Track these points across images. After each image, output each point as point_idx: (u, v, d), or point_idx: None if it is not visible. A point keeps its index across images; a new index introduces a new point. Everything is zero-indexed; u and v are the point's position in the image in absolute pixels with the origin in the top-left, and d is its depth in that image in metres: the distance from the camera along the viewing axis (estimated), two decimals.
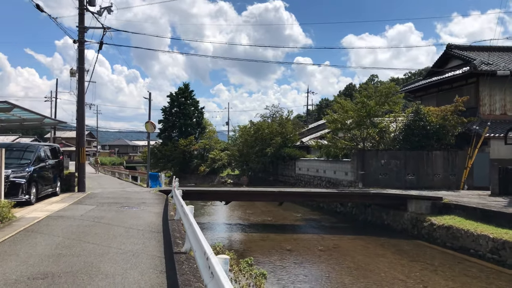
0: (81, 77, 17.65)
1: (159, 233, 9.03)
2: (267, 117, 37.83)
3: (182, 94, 61.38)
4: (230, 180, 48.27)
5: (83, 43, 17.64)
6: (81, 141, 17.81)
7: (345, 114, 21.34)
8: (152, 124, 23.91)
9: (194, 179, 54.81)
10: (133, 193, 17.65)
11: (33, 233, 8.48)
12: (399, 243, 15.58)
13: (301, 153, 30.88)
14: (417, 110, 21.42)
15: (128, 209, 12.63)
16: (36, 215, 10.78)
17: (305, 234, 17.66)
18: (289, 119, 35.98)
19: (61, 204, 13.33)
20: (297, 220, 20.95)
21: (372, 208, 19.83)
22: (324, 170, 26.29)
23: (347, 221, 21.09)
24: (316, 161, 27.88)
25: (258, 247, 14.88)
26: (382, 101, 20.89)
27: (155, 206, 13.73)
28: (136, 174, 30.82)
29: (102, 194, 17.05)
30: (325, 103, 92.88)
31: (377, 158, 21.58)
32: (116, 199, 15.19)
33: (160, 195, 17.20)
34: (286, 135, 33.92)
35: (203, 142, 58.54)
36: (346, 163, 23.37)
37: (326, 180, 25.96)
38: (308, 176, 29.04)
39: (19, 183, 12.17)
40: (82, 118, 17.76)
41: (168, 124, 61.27)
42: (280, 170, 35.06)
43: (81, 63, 17.69)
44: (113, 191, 18.80)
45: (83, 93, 17.83)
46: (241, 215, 23.04)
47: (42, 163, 14.01)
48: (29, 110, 12.50)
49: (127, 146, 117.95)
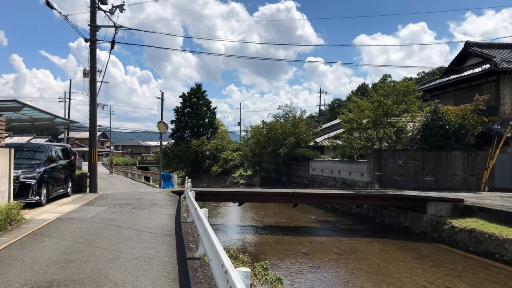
0: (93, 77, 17.44)
1: (171, 236, 8.68)
2: (280, 117, 37.40)
3: (195, 95, 61.28)
4: (243, 180, 47.95)
5: (95, 42, 17.42)
6: (93, 141, 17.61)
7: (361, 113, 20.80)
8: (165, 124, 23.65)
9: (206, 179, 54.65)
10: (145, 194, 17.38)
11: (41, 236, 8.19)
12: (418, 246, 15.04)
13: (315, 154, 30.37)
14: (435, 109, 20.79)
15: (140, 211, 12.33)
16: (46, 217, 10.52)
17: (320, 236, 17.19)
18: (303, 118, 35.48)
19: (72, 205, 13.08)
20: (312, 222, 20.48)
21: (389, 210, 19.29)
22: (339, 170, 25.76)
23: (363, 223, 20.56)
24: (331, 162, 27.36)
25: (273, 250, 14.47)
26: (400, 100, 20.30)
27: (167, 207, 13.42)
28: (149, 174, 30.63)
29: (114, 195, 16.81)
30: (337, 103, 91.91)
31: (394, 158, 21.00)
32: (128, 200, 14.92)
33: (173, 196, 16.90)
34: (300, 135, 33.43)
35: (215, 143, 58.36)
36: (362, 164, 22.83)
37: (341, 181, 25.42)
38: (322, 177, 28.53)
39: (29, 184, 11.94)
40: (94, 118, 17.55)
41: (181, 124, 61.23)
42: (293, 171, 34.59)
43: (93, 63, 17.48)
44: (125, 192, 18.57)
45: (95, 93, 17.63)
46: (254, 216, 22.64)
47: (53, 164, 13.79)
48: (39, 109, 12.26)
49: (140, 147, 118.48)
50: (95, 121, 17.58)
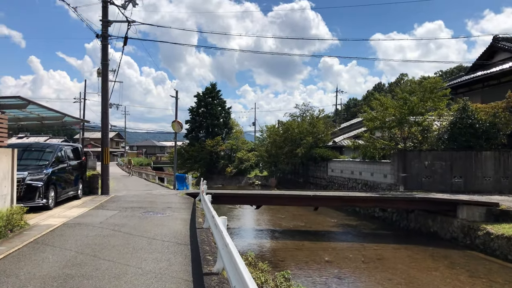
0: (105, 74, 16.75)
1: (186, 245, 7.84)
2: (297, 117, 36.39)
3: (209, 94, 60.66)
4: (258, 181, 47.09)
5: (106, 37, 16.73)
6: (105, 141, 16.92)
7: (385, 111, 19.71)
8: (179, 123, 22.88)
9: (221, 180, 53.97)
10: (159, 196, 16.62)
11: (42, 245, 7.42)
12: (450, 254, 13.96)
13: (333, 154, 29.31)
14: (464, 106, 19.60)
15: (153, 215, 11.54)
16: (52, 222, 9.79)
17: (343, 242, 16.19)
18: (321, 118, 34.38)
19: (81, 209, 12.36)
20: (333, 226, 19.48)
21: (416, 213, 18.20)
22: (360, 172, 24.68)
23: (387, 227, 19.50)
24: (351, 162, 26.29)
25: (293, 257, 13.55)
26: (426, 97, 19.15)
27: (181, 211, 12.61)
28: (163, 175, 29.96)
29: (126, 197, 16.08)
30: (353, 102, 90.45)
31: (420, 159, 19.87)
32: (140, 203, 14.16)
33: (187, 199, 16.10)
34: (318, 135, 32.37)
35: (230, 143, 57.66)
36: (385, 165, 21.73)
37: (362, 183, 24.35)
38: (341, 179, 27.47)
39: (36, 186, 11.25)
40: (106, 116, 16.87)
41: (195, 124, 60.68)
42: (310, 172, 33.57)
43: (105, 59, 16.80)
44: (138, 194, 17.85)
45: (107, 91, 16.94)
46: (271, 219, 21.74)
47: (62, 164, 13.10)
48: (46, 107, 11.57)
49: (154, 147, 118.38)
50: (107, 119, 16.89)
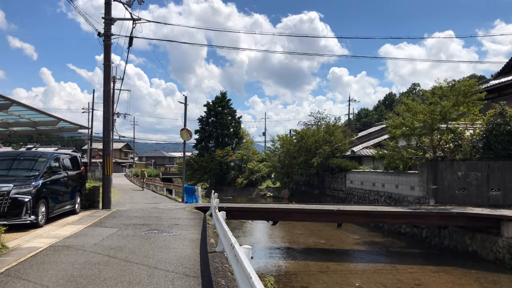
0: (107, 76, 15.30)
1: (196, 278, 6.18)
2: (311, 125, 34.66)
3: (219, 103, 59.24)
4: (270, 193, 45.27)
5: (109, 36, 15.31)
6: (107, 150, 15.39)
7: (414, 117, 17.94)
8: (188, 131, 21.31)
9: (231, 191, 52.22)
10: (166, 211, 14.99)
11: (13, 279, 5.80)
12: (500, 279, 12.12)
13: (353, 164, 27.50)
14: (501, 112, 17.80)
15: (157, 234, 9.90)
16: (36, 244, 8.19)
17: (373, 263, 14.36)
18: (338, 126, 32.53)
19: (76, 226, 10.78)
20: (357, 244, 17.66)
21: (450, 230, 16.36)
22: (383, 183, 22.85)
23: (416, 245, 17.64)
24: (373, 173, 24.46)
25: (319, 282, 11.79)
26: (460, 101, 17.37)
27: (190, 229, 10.96)
28: (171, 187, 28.40)
29: (129, 212, 14.47)
30: (364, 113, 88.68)
31: (452, 169, 18.05)
32: (144, 219, 12.54)
33: (197, 214, 14.45)
34: (334, 144, 30.57)
35: (240, 153, 56.00)
36: (412, 176, 19.91)
37: (385, 195, 22.50)
38: (362, 191, 25.63)
39: (22, 201, 9.69)
40: (108, 122, 15.36)
41: (205, 134, 59.19)
42: (327, 183, 31.73)
43: (107, 60, 15.36)
44: (143, 207, 16.24)
45: (110, 94, 15.48)
46: (288, 235, 19.98)
47: (56, 175, 11.55)
48: (35, 109, 10.10)
49: (163, 158, 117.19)
50: (110, 126, 15.39)
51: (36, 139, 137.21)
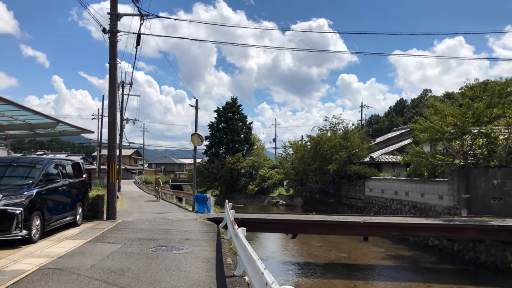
0: (112, 76, 14.14)
1: None
2: (326, 130, 33.22)
3: (230, 109, 58.07)
4: (282, 201, 43.86)
5: (115, 33, 14.17)
6: (113, 155, 14.17)
7: (443, 120, 16.51)
8: (199, 136, 20.08)
9: (242, 198, 50.84)
10: (176, 223, 13.70)
11: None
12: None
13: (372, 171, 26.03)
14: None
15: (166, 252, 8.62)
16: (23, 267, 6.95)
17: (405, 282, 12.90)
18: (355, 130, 31.01)
19: (74, 241, 9.54)
20: (383, 258, 16.21)
21: (487, 244, 14.84)
22: (407, 192, 21.37)
23: (448, 260, 16.16)
24: (395, 181, 22.98)
25: None
26: (494, 102, 15.92)
27: (203, 245, 9.67)
28: (181, 194, 27.15)
29: (135, 223, 13.22)
30: (375, 119, 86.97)
31: (486, 177, 16.57)
32: (152, 233, 11.27)
33: (210, 226, 13.16)
34: (351, 150, 29.10)
35: (251, 159, 54.66)
36: (440, 184, 18.43)
37: (409, 205, 21.01)
38: (382, 199, 24.14)
39: (12, 213, 8.47)
40: (114, 126, 14.17)
41: (215, 140, 58.02)
42: (343, 191, 30.25)
43: (113, 58, 14.20)
44: (151, 218, 14.98)
45: (116, 96, 14.30)
46: (305, 247, 18.58)
47: (54, 184, 10.35)
48: (26, 108, 8.91)
49: (173, 164, 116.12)
50: (115, 130, 14.19)
51: (47, 146, 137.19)
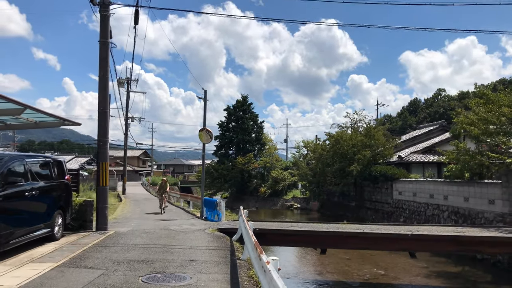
0: (103, 56, 11.71)
1: None
2: (347, 127, 30.52)
3: (240, 107, 55.55)
4: (297, 204, 41.26)
5: (107, 5, 11.75)
6: (104, 153, 11.70)
7: (498, 110, 13.82)
8: (208, 132, 17.54)
9: (253, 201, 48.32)
10: (179, 235, 11.19)
11: None
12: None
13: (401, 172, 23.31)
14: None
15: (161, 285, 6.12)
16: None
17: None
18: (380, 127, 28.18)
19: (40, 265, 7.08)
20: (428, 276, 13.53)
21: None
22: (445, 195, 18.65)
23: (505, 277, 13.46)
24: (430, 183, 20.24)
25: None
26: None
27: (213, 270, 7.15)
28: (188, 198, 24.69)
29: (130, 236, 10.75)
30: (387, 119, 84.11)
31: None
32: (147, 251, 8.78)
33: (221, 239, 10.63)
34: (376, 149, 26.37)
35: (263, 160, 52.07)
36: (491, 186, 15.72)
37: (449, 210, 18.29)
38: (415, 204, 21.40)
39: None
40: (104, 117, 11.71)
41: (225, 140, 55.55)
42: (367, 194, 27.55)
43: (105, 36, 11.79)
44: (150, 228, 12.49)
45: (107, 81, 11.84)
46: (332, 260, 15.96)
47: (17, 188, 7.92)
48: None
49: (182, 166, 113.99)
50: (106, 122, 11.71)
51: (57, 147, 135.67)
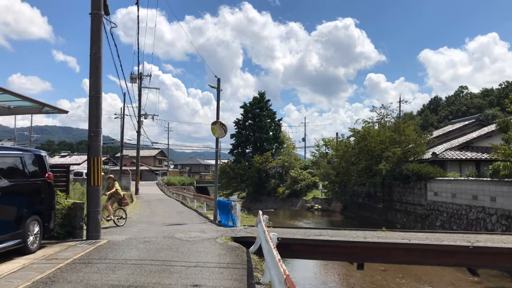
0: (96, 30, 9.81)
1: None
2: (373, 122, 28.18)
3: (257, 105, 53.47)
4: (317, 205, 39.01)
5: None
6: (95, 146, 9.80)
7: None
8: (222, 125, 15.55)
9: (271, 202, 46.28)
10: (185, 245, 9.20)
11: None
12: None
13: (436, 170, 20.93)
14: None
15: None
16: None
17: None
18: (411, 122, 25.63)
19: None
20: None
21: None
22: (493, 196, 16.29)
23: None
24: (473, 182, 17.85)
25: None
26: None
27: None
28: (202, 199, 22.80)
29: (125, 247, 8.81)
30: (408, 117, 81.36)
31: None
32: (139, 270, 6.81)
33: (235, 252, 8.59)
34: (407, 145, 23.99)
35: (281, 159, 49.91)
36: None
37: (498, 214, 15.92)
38: (454, 206, 19.02)
39: None
40: (96, 103, 9.80)
41: (241, 138, 53.59)
42: (396, 195, 25.19)
43: (97, 7, 9.84)
44: (152, 236, 10.54)
45: (100, 59, 9.93)
46: (365, 272, 13.77)
47: None
48: None
49: (199, 165, 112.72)
50: (99, 110, 9.81)
51: (76, 147, 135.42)
